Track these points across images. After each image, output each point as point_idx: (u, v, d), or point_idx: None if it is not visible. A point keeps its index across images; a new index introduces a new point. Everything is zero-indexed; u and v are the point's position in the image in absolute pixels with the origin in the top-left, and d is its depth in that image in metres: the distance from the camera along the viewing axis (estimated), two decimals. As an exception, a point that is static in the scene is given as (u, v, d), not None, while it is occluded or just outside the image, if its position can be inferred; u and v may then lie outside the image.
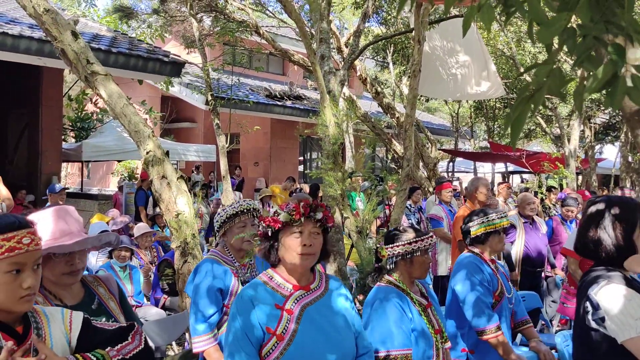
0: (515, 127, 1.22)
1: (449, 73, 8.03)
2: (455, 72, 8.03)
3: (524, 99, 1.19)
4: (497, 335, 3.28)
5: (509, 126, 1.22)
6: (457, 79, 8.11)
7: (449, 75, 8.05)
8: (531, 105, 1.18)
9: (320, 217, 2.32)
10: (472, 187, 6.04)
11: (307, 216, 2.28)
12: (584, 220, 2.20)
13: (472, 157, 17.77)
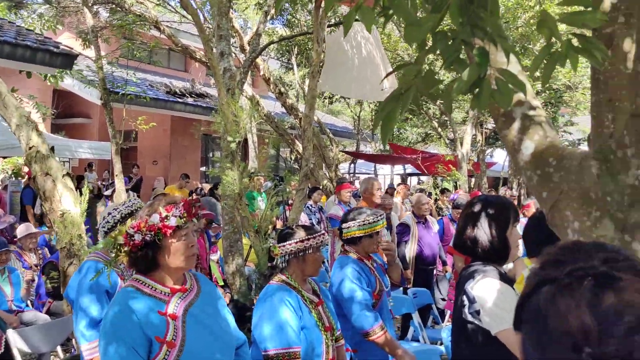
0: (385, 126, 1.24)
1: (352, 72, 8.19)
2: (357, 72, 8.20)
3: (392, 98, 1.21)
4: (382, 335, 3.34)
5: (378, 125, 1.24)
6: (359, 78, 8.28)
7: (351, 74, 8.21)
8: (400, 105, 1.20)
9: (201, 215, 2.29)
10: (363, 188, 6.22)
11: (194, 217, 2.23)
12: (463, 219, 2.30)
13: (373, 159, 18.22)
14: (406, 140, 21.37)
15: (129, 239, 2.13)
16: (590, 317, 0.77)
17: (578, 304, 0.78)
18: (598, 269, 0.80)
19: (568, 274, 0.82)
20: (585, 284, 0.79)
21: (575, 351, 0.77)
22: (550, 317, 0.81)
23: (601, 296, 0.78)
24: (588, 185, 1.50)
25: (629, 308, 0.77)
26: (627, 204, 1.43)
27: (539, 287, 0.84)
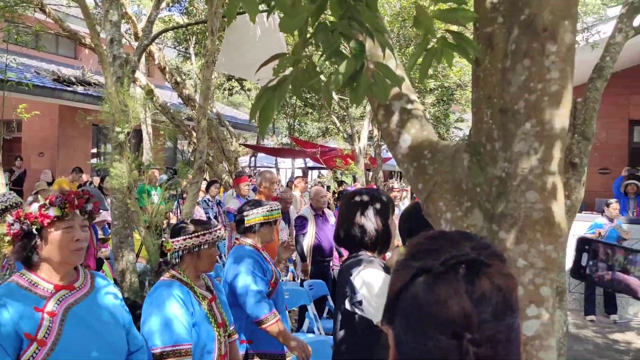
0: (263, 117, 1.22)
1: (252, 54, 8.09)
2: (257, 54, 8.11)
3: (269, 89, 1.20)
4: (275, 323, 3.36)
5: (254, 115, 1.22)
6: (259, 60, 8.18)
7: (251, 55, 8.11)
8: (277, 96, 1.19)
9: (90, 209, 2.19)
10: (260, 181, 6.21)
11: (78, 209, 2.13)
12: (348, 211, 2.34)
13: (274, 152, 18.22)
14: (307, 134, 21.54)
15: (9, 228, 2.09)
16: (468, 303, 0.79)
17: (456, 291, 0.80)
18: (470, 257, 0.83)
19: (443, 263, 0.83)
20: (460, 271, 0.81)
21: (455, 337, 0.79)
22: (429, 305, 0.82)
23: (476, 282, 0.80)
24: (460, 177, 1.56)
25: (499, 293, 0.80)
26: (494, 194, 1.50)
27: (414, 278, 0.85)
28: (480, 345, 0.78)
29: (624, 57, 9.77)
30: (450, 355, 0.79)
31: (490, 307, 0.79)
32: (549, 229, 1.42)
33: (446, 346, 0.79)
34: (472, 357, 0.77)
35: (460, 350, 0.78)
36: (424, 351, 0.81)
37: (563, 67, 1.41)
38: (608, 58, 4.21)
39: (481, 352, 0.78)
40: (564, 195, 4.09)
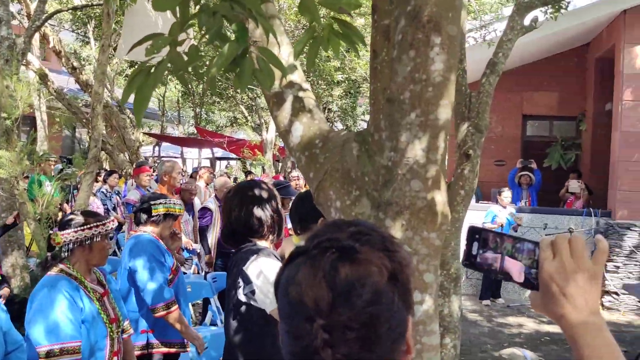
0: (137, 102, 1.15)
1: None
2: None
3: (142, 71, 1.13)
4: (173, 311, 3.30)
5: (126, 99, 1.15)
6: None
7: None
8: (151, 79, 1.13)
9: None
10: (162, 171, 6.03)
11: None
12: (243, 203, 2.31)
13: (179, 142, 17.75)
14: (214, 123, 21.17)
15: None
16: (325, 288, 0.77)
17: (316, 275, 0.79)
18: (342, 242, 0.81)
19: (316, 246, 0.82)
20: (327, 255, 0.80)
21: (308, 322, 0.77)
22: (289, 286, 0.80)
23: (339, 268, 0.79)
24: (349, 166, 1.57)
25: (363, 280, 0.79)
26: (381, 183, 1.52)
27: (292, 260, 0.84)
28: (331, 331, 0.77)
29: (518, 55, 10.34)
30: (304, 338, 0.78)
31: (347, 294, 0.78)
32: (432, 217, 1.45)
33: (302, 331, 0.78)
34: (320, 342, 0.76)
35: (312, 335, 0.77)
36: (286, 332, 0.80)
37: (447, 59, 1.45)
38: (500, 54, 4.43)
39: (332, 339, 0.77)
40: (459, 185, 4.25)
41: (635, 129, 8.67)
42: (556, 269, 0.89)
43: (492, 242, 0.97)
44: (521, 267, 0.94)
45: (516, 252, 0.95)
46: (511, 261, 0.95)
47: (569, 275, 0.88)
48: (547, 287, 0.90)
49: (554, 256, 0.90)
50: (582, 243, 0.90)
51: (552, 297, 0.90)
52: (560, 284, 0.89)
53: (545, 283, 0.90)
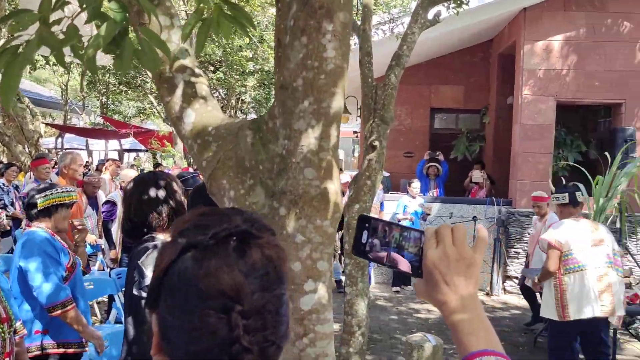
0: (6, 85, 1.06)
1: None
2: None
3: (8, 49, 1.04)
4: (69, 310, 3.15)
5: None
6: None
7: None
8: (20, 60, 1.03)
9: None
10: (62, 163, 5.73)
11: None
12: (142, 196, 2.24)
13: (84, 133, 16.94)
14: (122, 114, 20.36)
15: None
16: (238, 274, 0.77)
17: (227, 262, 0.78)
18: (241, 228, 0.81)
19: (213, 236, 0.80)
20: (231, 243, 0.79)
21: (225, 311, 0.76)
22: (197, 280, 0.78)
23: (247, 253, 0.79)
24: (243, 154, 1.53)
25: (270, 263, 0.80)
26: (276, 172, 1.49)
27: (182, 254, 0.80)
28: (249, 317, 0.76)
29: (426, 49, 10.67)
30: (219, 330, 0.76)
31: (260, 278, 0.78)
32: (326, 205, 1.44)
33: (215, 321, 0.76)
34: (241, 330, 0.75)
35: (230, 324, 0.76)
36: (191, 330, 0.77)
37: (339, 46, 1.44)
38: (405, 47, 4.54)
39: (250, 324, 0.76)
40: (365, 175, 4.31)
41: (534, 122, 9.17)
42: (439, 257, 0.91)
43: (381, 231, 0.98)
44: (408, 256, 0.96)
45: (404, 240, 0.96)
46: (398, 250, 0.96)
47: (450, 263, 0.90)
48: (430, 275, 0.92)
49: (437, 245, 0.92)
50: (463, 232, 0.93)
51: (434, 285, 0.91)
52: (443, 271, 0.91)
53: (428, 271, 0.92)
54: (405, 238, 0.95)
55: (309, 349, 1.46)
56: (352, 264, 4.37)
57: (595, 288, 4.25)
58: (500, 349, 0.85)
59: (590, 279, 4.27)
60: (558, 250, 4.38)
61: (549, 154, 9.20)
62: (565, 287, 4.35)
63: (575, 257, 4.33)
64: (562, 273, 4.39)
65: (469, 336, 0.87)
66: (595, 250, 4.34)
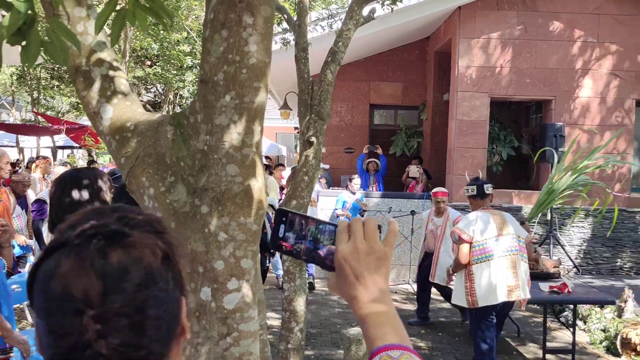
0: None
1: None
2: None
3: None
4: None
5: None
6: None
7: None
8: None
9: None
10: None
11: None
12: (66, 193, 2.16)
13: (13, 129, 16.18)
14: (54, 109, 19.60)
15: None
16: (94, 277, 0.72)
17: (82, 264, 0.73)
18: (110, 227, 0.76)
19: (79, 235, 0.75)
20: (94, 242, 0.74)
21: (76, 315, 0.71)
22: (53, 282, 0.73)
23: (108, 253, 0.74)
24: (164, 150, 1.48)
25: (136, 264, 0.75)
26: (197, 168, 1.46)
27: (49, 253, 0.76)
28: (104, 321, 0.72)
29: (365, 46, 10.77)
30: (72, 334, 0.72)
31: (121, 280, 0.73)
32: (249, 202, 1.42)
33: (68, 324, 0.72)
34: (94, 334, 0.71)
35: (81, 329, 0.71)
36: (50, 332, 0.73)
37: (261, 41, 1.42)
38: (341, 43, 4.55)
39: (106, 328, 0.72)
40: (303, 171, 4.30)
41: (469, 118, 9.41)
42: (349, 251, 0.91)
43: (298, 225, 0.97)
44: (323, 249, 0.95)
45: (319, 234, 0.96)
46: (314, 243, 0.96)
47: (360, 257, 0.90)
48: (341, 269, 0.92)
49: (349, 238, 0.92)
50: (374, 225, 0.93)
51: (345, 279, 0.91)
52: (353, 265, 0.90)
53: (339, 265, 0.92)
54: (321, 231, 0.95)
55: (233, 348, 1.43)
56: (290, 261, 4.36)
57: (501, 275, 4.53)
58: (407, 343, 0.86)
59: (497, 267, 4.55)
60: (468, 242, 4.66)
61: (483, 148, 9.48)
62: (473, 276, 4.64)
63: (482, 248, 4.61)
64: (470, 263, 4.66)
65: (377, 331, 0.87)
66: (501, 240, 4.61)
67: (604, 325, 6.46)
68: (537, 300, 5.36)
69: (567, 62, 9.44)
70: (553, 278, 5.78)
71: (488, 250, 4.59)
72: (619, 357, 5.86)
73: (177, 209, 1.45)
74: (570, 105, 9.44)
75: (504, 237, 4.61)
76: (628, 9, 9.39)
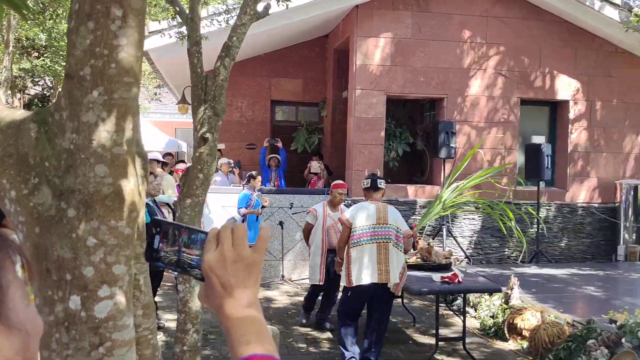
0: None
1: None
2: None
3: None
4: None
5: None
6: None
7: None
8: None
9: None
10: None
11: None
12: None
13: None
14: None
15: None
16: None
17: None
18: None
19: None
20: None
21: None
22: None
23: None
24: (26, 150, 1.38)
25: None
26: (63, 169, 1.36)
27: None
28: None
29: (264, 42, 10.72)
30: None
31: None
32: (120, 204, 1.35)
33: None
34: None
35: None
36: None
37: (131, 33, 1.35)
38: (235, 38, 4.48)
39: None
40: (197, 168, 4.19)
41: (367, 115, 9.63)
42: (216, 260, 0.87)
43: (171, 235, 0.93)
44: (195, 259, 0.91)
45: (192, 243, 0.92)
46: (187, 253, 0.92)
47: (227, 265, 0.87)
48: (208, 278, 0.88)
49: (216, 246, 0.88)
50: (243, 232, 0.90)
51: (212, 288, 0.88)
52: (219, 274, 0.87)
53: (206, 274, 0.88)
54: (193, 241, 0.91)
55: (106, 358, 1.36)
56: (184, 261, 4.25)
57: (373, 259, 5.00)
58: (273, 353, 0.84)
59: (369, 252, 5.02)
60: (348, 227, 5.14)
61: (380, 145, 9.73)
62: (350, 258, 5.11)
63: (360, 233, 5.08)
64: (350, 246, 5.14)
65: (241, 340, 0.84)
66: (378, 228, 5.07)
67: (493, 312, 6.84)
68: (429, 290, 5.58)
69: (458, 61, 9.89)
70: (445, 269, 6.04)
71: (365, 235, 5.05)
72: (507, 341, 6.23)
73: (41, 213, 1.35)
74: (461, 103, 9.91)
75: (381, 226, 5.05)
76: (514, 12, 9.98)
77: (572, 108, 10.29)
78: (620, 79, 10.38)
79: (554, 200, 10.24)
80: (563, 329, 5.72)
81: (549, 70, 10.16)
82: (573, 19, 10.00)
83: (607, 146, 10.42)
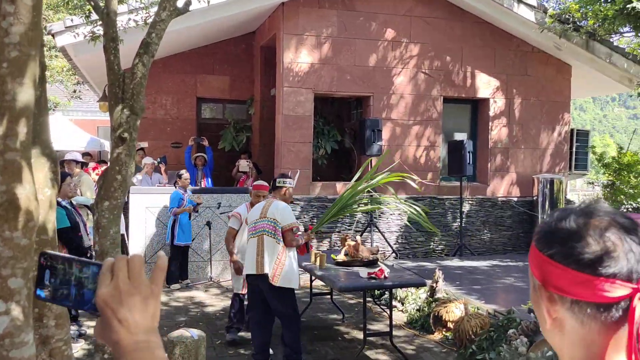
0: None
1: None
2: None
3: None
4: None
5: None
6: None
7: None
8: None
9: None
10: None
11: None
12: None
13: None
14: None
15: None
16: None
17: None
18: None
19: None
20: None
21: None
22: None
23: None
24: None
25: None
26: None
27: None
28: None
29: (188, 38, 10.49)
30: None
31: None
32: (15, 214, 1.26)
33: None
34: None
35: None
36: None
37: (25, 31, 1.26)
38: (154, 35, 4.34)
39: None
40: (115, 170, 4.04)
41: (295, 113, 9.62)
42: (110, 293, 0.82)
43: (61, 269, 0.86)
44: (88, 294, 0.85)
45: (83, 277, 0.86)
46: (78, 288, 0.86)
47: (123, 298, 0.82)
48: (103, 313, 0.83)
49: (111, 279, 0.83)
50: (140, 262, 0.85)
51: (108, 323, 0.83)
52: (114, 307, 0.82)
53: (100, 309, 0.83)
54: (85, 274, 0.86)
55: (3, 379, 1.27)
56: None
57: (253, 251, 5.30)
58: None
59: (251, 244, 5.34)
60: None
61: (309, 143, 9.75)
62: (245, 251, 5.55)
63: (250, 228, 5.44)
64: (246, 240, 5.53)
65: None
66: (259, 222, 5.35)
67: (419, 306, 7.01)
68: (355, 286, 5.64)
69: (383, 60, 10.05)
70: (372, 264, 6.12)
71: (251, 230, 5.40)
72: (432, 333, 6.39)
73: None
74: (386, 101, 10.08)
75: (261, 220, 5.33)
76: (437, 13, 10.24)
77: (492, 106, 10.69)
78: (536, 78, 10.88)
79: (475, 195, 10.61)
80: (485, 319, 5.93)
81: (470, 69, 10.51)
82: (493, 20, 10.39)
83: (525, 142, 10.90)
